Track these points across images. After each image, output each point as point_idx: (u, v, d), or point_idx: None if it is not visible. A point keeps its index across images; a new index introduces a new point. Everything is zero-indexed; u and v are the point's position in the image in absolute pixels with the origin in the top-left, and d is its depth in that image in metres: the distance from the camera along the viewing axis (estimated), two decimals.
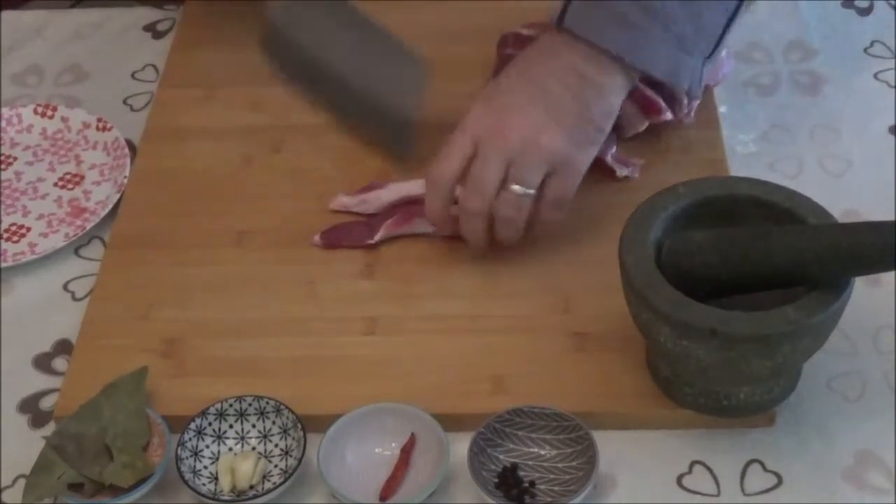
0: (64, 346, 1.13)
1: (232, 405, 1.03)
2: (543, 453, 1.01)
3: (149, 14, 1.48)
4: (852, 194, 1.19)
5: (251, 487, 1.00)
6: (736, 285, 0.98)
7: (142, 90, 1.37)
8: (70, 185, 1.27)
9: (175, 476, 1.00)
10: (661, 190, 1.03)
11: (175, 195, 1.23)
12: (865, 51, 1.35)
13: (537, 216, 1.10)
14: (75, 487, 0.99)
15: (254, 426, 1.03)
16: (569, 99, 1.07)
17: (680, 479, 1.00)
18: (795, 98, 1.31)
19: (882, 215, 1.11)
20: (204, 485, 1.00)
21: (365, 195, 1.18)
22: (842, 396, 1.05)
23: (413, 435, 1.01)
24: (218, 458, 1.02)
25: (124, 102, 1.36)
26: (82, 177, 1.27)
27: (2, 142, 1.31)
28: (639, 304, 0.97)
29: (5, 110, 1.33)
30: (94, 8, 1.50)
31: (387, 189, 1.18)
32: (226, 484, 1.00)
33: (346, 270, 1.15)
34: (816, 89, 1.31)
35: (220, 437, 1.03)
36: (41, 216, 1.24)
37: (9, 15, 1.48)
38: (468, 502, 0.99)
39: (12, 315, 1.16)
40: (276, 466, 1.02)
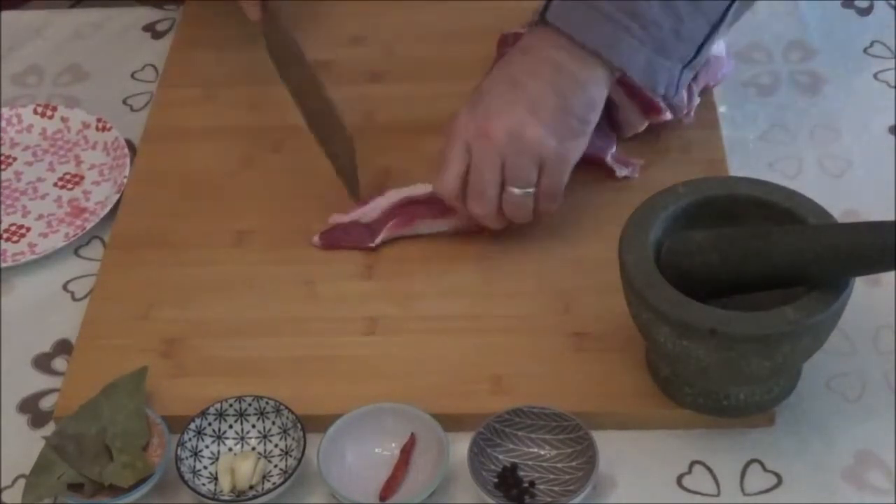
0: (64, 346, 1.13)
1: (232, 405, 1.03)
2: (543, 453, 1.01)
3: (148, 14, 1.48)
4: (852, 194, 1.19)
5: (251, 487, 1.00)
6: (736, 285, 0.98)
7: (141, 90, 1.37)
8: (70, 186, 1.27)
9: (175, 476, 1.00)
10: (661, 190, 1.03)
11: (175, 195, 1.23)
12: (865, 51, 1.35)
13: (537, 208, 1.12)
14: (75, 487, 0.99)
15: (253, 426, 1.03)
16: (548, 93, 1.08)
17: (680, 479, 1.00)
18: (795, 98, 1.30)
19: (882, 215, 1.11)
20: (204, 485, 1.00)
21: (362, 209, 1.18)
22: (841, 396, 1.05)
23: (413, 435, 1.01)
24: (218, 459, 1.02)
25: (124, 102, 1.36)
26: (82, 177, 1.27)
27: (2, 142, 1.31)
28: (639, 304, 0.97)
29: (5, 110, 1.33)
30: (94, 8, 1.50)
31: (385, 196, 1.18)
32: (225, 484, 1.00)
33: (346, 270, 1.15)
34: (816, 89, 1.31)
35: (219, 438, 1.03)
36: (41, 216, 1.24)
37: (9, 15, 1.48)
38: (468, 502, 0.99)
39: (12, 315, 1.16)
40: (275, 466, 1.02)
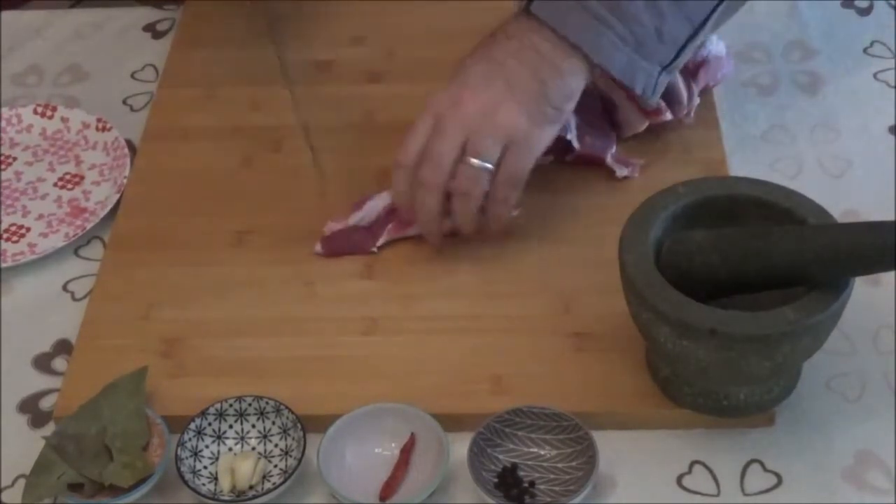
0: (64, 346, 1.13)
1: (232, 405, 1.03)
2: (543, 453, 1.01)
3: (149, 14, 1.48)
4: (852, 194, 1.19)
5: (251, 487, 1.00)
6: (736, 285, 0.98)
7: (141, 90, 1.37)
8: (70, 186, 1.27)
9: (175, 476, 1.00)
10: (661, 190, 1.03)
11: (175, 195, 1.23)
12: (865, 51, 1.35)
13: (492, 196, 1.10)
14: (75, 487, 0.99)
15: (253, 426, 1.03)
16: (527, 76, 1.08)
17: (680, 479, 1.00)
18: (795, 98, 1.31)
19: (882, 215, 1.11)
20: (204, 485, 1.00)
21: (358, 211, 1.17)
22: (841, 396, 1.05)
23: (413, 435, 1.01)
24: (218, 459, 1.02)
25: (124, 102, 1.36)
26: (82, 177, 1.27)
27: (1, 142, 1.31)
28: (639, 304, 0.97)
29: (5, 110, 1.33)
30: (94, 8, 1.50)
31: (380, 198, 1.18)
32: (225, 484, 1.00)
33: (346, 270, 1.15)
34: (816, 89, 1.31)
35: (219, 438, 1.03)
36: (41, 216, 1.24)
37: (9, 15, 1.48)
38: (468, 502, 0.99)
39: (12, 315, 1.16)
40: (275, 466, 1.02)
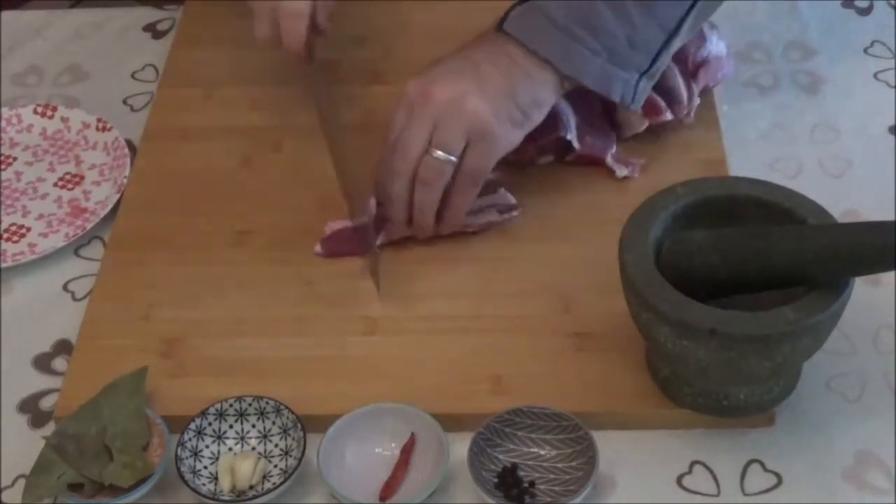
0: (64, 346, 1.13)
1: (232, 405, 1.03)
2: (543, 453, 1.01)
3: (149, 14, 1.48)
4: (852, 194, 1.19)
5: (251, 487, 1.00)
6: (736, 285, 0.98)
7: (142, 90, 1.37)
8: (70, 185, 1.27)
9: (175, 476, 1.00)
10: (661, 190, 1.03)
11: (175, 195, 1.23)
12: (865, 51, 1.35)
13: (451, 187, 1.12)
14: (75, 487, 0.99)
15: (254, 426, 1.03)
16: (498, 76, 1.10)
17: (680, 479, 1.00)
18: (795, 98, 1.31)
19: (882, 215, 1.11)
20: (204, 485, 1.00)
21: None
22: (841, 396, 1.05)
23: (413, 435, 1.01)
24: (218, 458, 1.02)
25: (124, 102, 1.36)
26: (82, 177, 1.27)
27: (2, 142, 1.31)
28: (639, 304, 0.97)
29: (5, 110, 1.33)
30: (94, 8, 1.50)
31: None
32: (226, 484, 1.00)
33: (346, 270, 1.15)
34: (816, 89, 1.31)
35: (220, 438, 1.03)
36: (41, 216, 1.24)
37: (9, 15, 1.48)
38: (468, 502, 0.99)
39: (12, 315, 1.16)
40: (275, 466, 1.02)
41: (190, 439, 1.01)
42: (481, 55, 1.11)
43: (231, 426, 1.03)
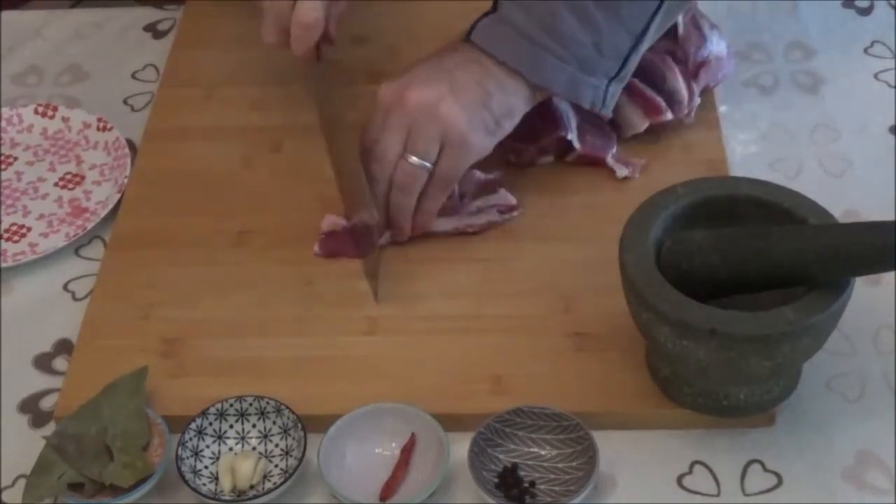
0: (64, 346, 1.13)
1: (232, 405, 1.03)
2: (544, 453, 1.01)
3: (149, 14, 1.48)
4: (852, 194, 1.19)
5: (251, 487, 1.00)
6: (736, 285, 0.98)
7: (142, 90, 1.37)
8: (70, 185, 1.27)
9: (175, 476, 1.00)
10: (661, 190, 1.03)
11: (175, 195, 1.24)
12: (865, 51, 1.35)
13: (423, 193, 1.13)
14: (75, 487, 0.99)
15: (254, 426, 1.03)
16: (472, 83, 1.10)
17: (680, 479, 1.00)
18: (795, 98, 1.31)
19: (882, 215, 1.11)
20: (204, 485, 1.00)
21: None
22: (842, 396, 1.05)
23: (413, 435, 1.01)
24: (218, 458, 1.02)
25: (125, 102, 1.36)
26: (83, 177, 1.27)
27: (2, 142, 1.31)
28: (639, 304, 0.97)
29: (5, 110, 1.33)
30: (94, 8, 1.50)
31: None
32: (226, 484, 1.00)
33: (346, 270, 1.15)
34: (816, 89, 1.31)
35: (220, 437, 1.03)
36: (41, 216, 1.24)
37: (9, 15, 1.48)
38: (468, 502, 0.99)
39: (12, 315, 1.16)
40: (276, 466, 1.02)
41: (190, 439, 1.01)
42: (453, 63, 1.12)
43: (231, 426, 1.03)
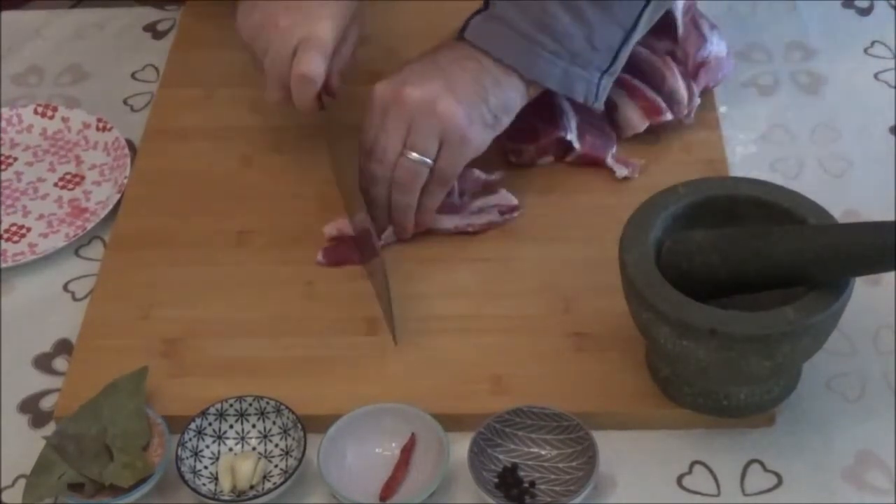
0: (64, 346, 1.13)
1: (232, 405, 1.03)
2: (544, 453, 1.01)
3: (149, 14, 1.48)
4: (852, 194, 1.19)
5: (251, 487, 1.00)
6: (736, 285, 0.98)
7: (142, 90, 1.37)
8: (70, 186, 1.27)
9: (175, 476, 1.00)
10: (662, 190, 1.03)
11: (175, 195, 1.24)
12: (866, 51, 1.35)
13: (425, 189, 1.13)
14: (75, 487, 0.99)
15: (254, 426, 1.03)
16: (468, 79, 1.11)
17: (680, 480, 1.00)
18: (795, 98, 1.31)
19: (882, 215, 1.11)
20: (204, 485, 1.00)
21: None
22: (842, 396, 1.05)
23: (413, 435, 1.01)
24: (218, 458, 1.02)
25: (124, 102, 1.36)
26: (82, 177, 1.27)
27: (2, 142, 1.31)
28: (639, 304, 0.97)
29: (5, 110, 1.33)
30: (94, 8, 1.50)
31: None
32: (226, 484, 1.00)
33: (346, 270, 1.15)
34: (816, 89, 1.31)
35: (220, 438, 1.03)
36: (41, 216, 1.24)
37: (9, 15, 1.48)
38: (468, 502, 0.99)
39: (12, 315, 1.16)
40: (276, 466, 1.02)
41: (190, 439, 1.01)
42: (447, 60, 1.12)
43: (231, 426, 1.03)
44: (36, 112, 1.33)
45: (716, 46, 1.24)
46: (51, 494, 1.00)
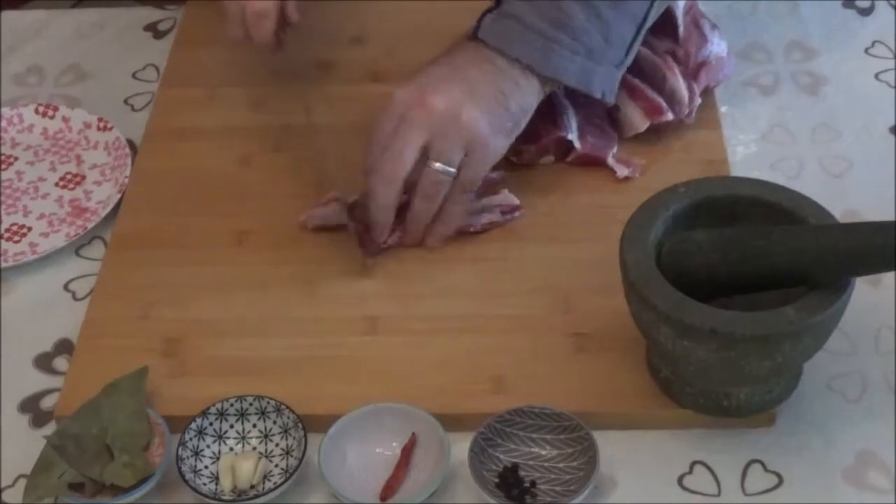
0: (64, 346, 1.13)
1: (233, 405, 1.03)
2: (544, 453, 1.01)
3: (149, 14, 1.48)
4: (852, 194, 1.19)
5: (252, 487, 1.00)
6: (736, 285, 0.98)
7: (142, 90, 1.37)
8: (71, 185, 1.27)
9: (176, 476, 1.00)
10: (662, 190, 1.03)
11: (175, 195, 1.24)
12: (866, 51, 1.35)
13: (447, 198, 1.13)
14: (76, 487, 1.00)
15: (254, 426, 1.03)
16: (488, 84, 1.10)
17: (680, 480, 1.00)
18: (796, 98, 1.31)
19: (882, 215, 1.11)
20: (205, 484, 1.00)
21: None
22: (842, 396, 1.05)
23: (414, 435, 1.01)
24: (219, 458, 1.02)
25: (125, 102, 1.36)
26: (83, 177, 1.27)
27: (3, 142, 1.31)
28: (639, 304, 0.97)
29: (6, 110, 1.33)
30: (94, 8, 1.50)
31: None
32: (227, 484, 1.00)
33: (346, 270, 1.15)
34: (817, 89, 1.31)
35: (220, 437, 1.03)
36: (42, 216, 1.24)
37: (9, 15, 1.48)
38: (469, 502, 0.99)
39: (13, 315, 1.16)
40: (276, 466, 1.02)
41: (191, 439, 1.01)
42: (465, 63, 1.11)
43: (232, 426, 1.03)
44: (37, 112, 1.33)
45: (717, 46, 1.24)
46: (51, 494, 1.00)
